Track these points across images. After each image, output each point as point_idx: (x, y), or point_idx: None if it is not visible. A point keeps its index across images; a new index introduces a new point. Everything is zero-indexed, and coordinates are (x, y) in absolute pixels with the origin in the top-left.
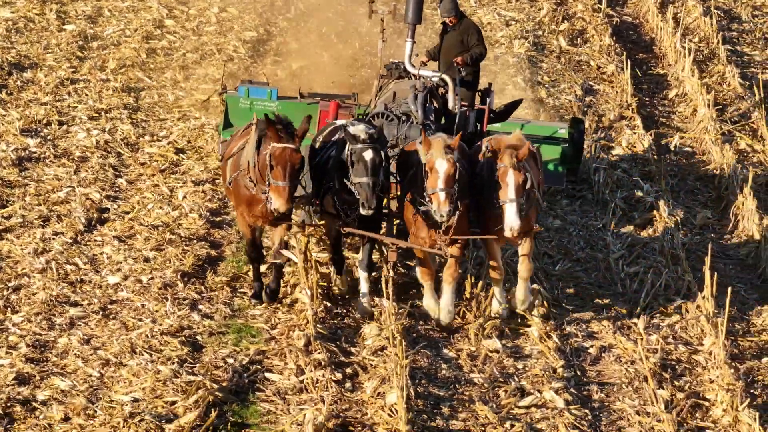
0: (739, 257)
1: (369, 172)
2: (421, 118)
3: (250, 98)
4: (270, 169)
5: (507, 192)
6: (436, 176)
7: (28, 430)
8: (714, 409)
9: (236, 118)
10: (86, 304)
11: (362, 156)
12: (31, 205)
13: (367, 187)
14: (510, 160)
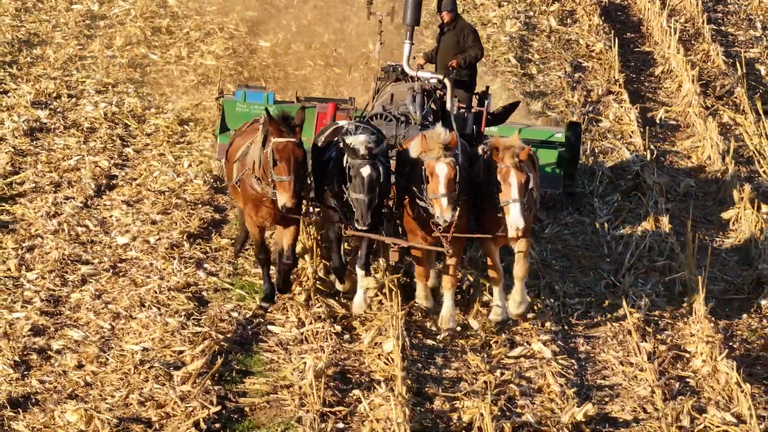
0: (720, 222)
1: (365, 189)
2: (420, 119)
3: (247, 102)
4: (273, 164)
5: (511, 192)
6: (437, 181)
7: (44, 376)
8: (694, 360)
9: (233, 122)
10: (97, 263)
11: (359, 172)
12: (43, 172)
13: (363, 204)
14: (512, 160)
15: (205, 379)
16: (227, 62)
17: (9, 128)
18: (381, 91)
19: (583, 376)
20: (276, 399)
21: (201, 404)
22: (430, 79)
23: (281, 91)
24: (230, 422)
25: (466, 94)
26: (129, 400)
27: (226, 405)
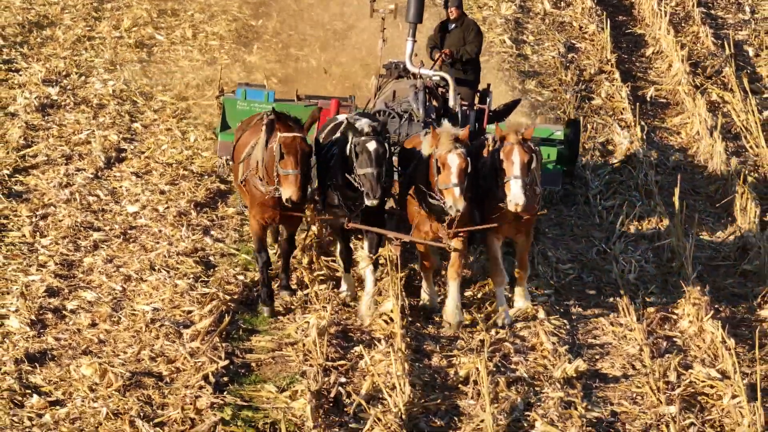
0: (707, 193)
1: (373, 162)
2: (422, 115)
3: (248, 100)
4: (280, 158)
5: (513, 169)
6: (449, 172)
7: (59, 334)
8: (681, 321)
9: (233, 120)
10: (108, 230)
11: (366, 147)
12: (55, 146)
13: (372, 177)
14: (516, 137)
15: (213, 336)
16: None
17: (21, 104)
18: (383, 88)
19: (575, 336)
20: (281, 355)
21: (210, 359)
22: (433, 77)
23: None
24: (237, 376)
25: (469, 92)
26: (141, 356)
27: (233, 361)
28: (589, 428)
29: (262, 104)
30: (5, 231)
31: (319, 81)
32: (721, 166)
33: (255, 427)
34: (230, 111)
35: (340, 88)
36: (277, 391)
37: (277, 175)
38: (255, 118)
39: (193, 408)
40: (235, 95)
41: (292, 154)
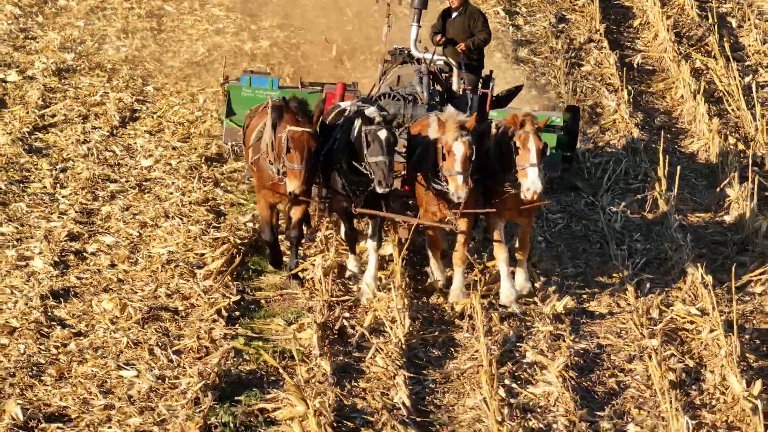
0: (691, 152)
1: (384, 151)
2: (427, 98)
3: (252, 87)
4: (286, 151)
5: (529, 157)
6: (453, 159)
7: (81, 273)
8: (664, 264)
9: (239, 106)
10: (124, 181)
11: (377, 136)
12: (72, 106)
13: (383, 165)
14: (532, 126)
15: (224, 275)
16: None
17: (39, 69)
18: (388, 73)
19: (564, 277)
20: (288, 293)
21: (222, 295)
22: (437, 62)
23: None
24: (248, 311)
25: (473, 77)
26: (157, 293)
27: (244, 297)
28: (577, 358)
29: (267, 91)
30: (27, 182)
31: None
32: (704, 126)
33: (265, 350)
34: (235, 97)
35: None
36: (285, 324)
37: (284, 165)
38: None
39: (208, 338)
40: (239, 82)
41: (299, 149)
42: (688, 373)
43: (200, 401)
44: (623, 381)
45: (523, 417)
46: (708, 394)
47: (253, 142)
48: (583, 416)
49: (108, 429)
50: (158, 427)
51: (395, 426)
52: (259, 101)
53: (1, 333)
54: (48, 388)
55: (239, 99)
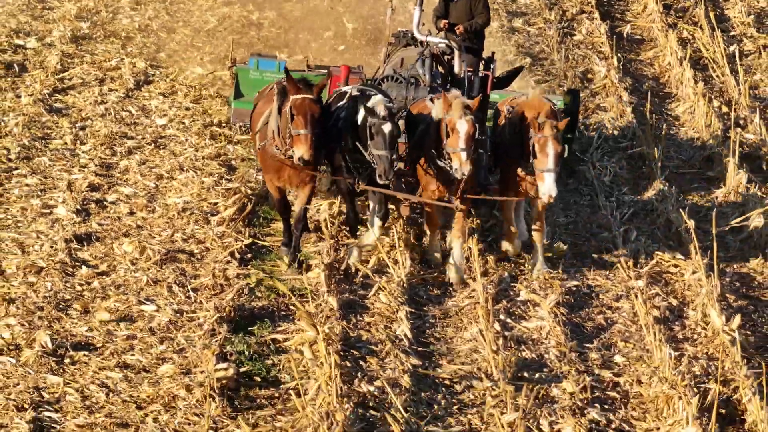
0: (677, 114)
1: (387, 145)
2: (429, 81)
3: (260, 70)
4: (291, 119)
5: (547, 162)
6: (457, 136)
7: (102, 220)
8: (650, 214)
9: (247, 88)
10: (140, 138)
11: (381, 129)
12: (89, 71)
13: (385, 159)
14: (551, 131)
15: (236, 222)
16: None
17: (56, 36)
18: (391, 55)
19: (555, 225)
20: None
21: (235, 239)
22: (439, 44)
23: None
24: (259, 254)
25: (474, 59)
26: (174, 238)
27: (255, 242)
28: (567, 297)
29: (274, 73)
30: (49, 139)
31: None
32: (689, 90)
33: (276, 293)
34: (243, 80)
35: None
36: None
37: (290, 136)
38: (269, 87)
39: (223, 276)
40: (247, 65)
41: (303, 114)
42: (672, 311)
43: (216, 332)
44: (611, 317)
45: (517, 348)
46: (690, 329)
47: (260, 127)
48: (573, 347)
49: (131, 356)
50: (178, 355)
51: (398, 355)
52: (266, 84)
53: (30, 272)
54: (74, 320)
55: (247, 81)
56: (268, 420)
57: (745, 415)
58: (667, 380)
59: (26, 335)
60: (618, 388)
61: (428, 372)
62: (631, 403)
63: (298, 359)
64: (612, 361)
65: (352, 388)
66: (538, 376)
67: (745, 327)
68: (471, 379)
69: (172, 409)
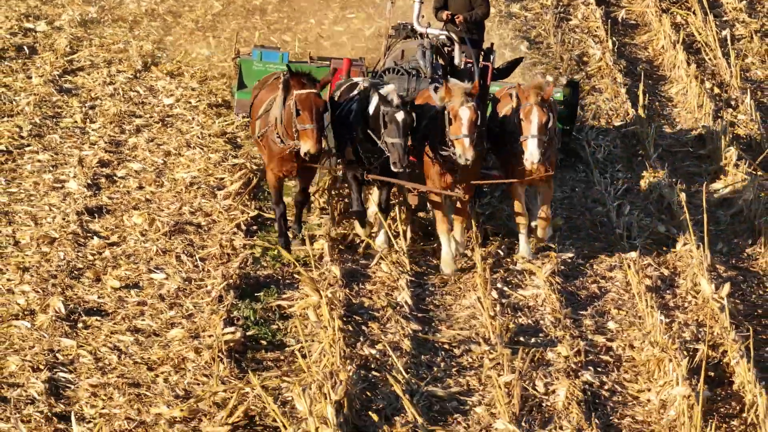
0: (670, 96)
1: (400, 133)
2: (430, 73)
3: (263, 61)
4: (296, 114)
5: (530, 128)
6: (460, 123)
7: (112, 194)
8: (643, 190)
9: (250, 79)
10: (148, 117)
11: (395, 117)
12: (97, 53)
13: (399, 147)
14: (536, 98)
15: (242, 196)
16: None
17: (65, 20)
18: (392, 48)
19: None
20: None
21: (241, 212)
22: (439, 36)
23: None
24: (264, 227)
25: (474, 51)
26: (182, 211)
27: (260, 215)
28: (563, 267)
29: (277, 65)
30: (60, 118)
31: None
32: (682, 72)
33: (281, 262)
34: (246, 71)
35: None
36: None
37: (296, 130)
38: (271, 78)
39: (230, 246)
40: (251, 56)
41: (308, 109)
42: (663, 281)
43: (223, 298)
44: (604, 286)
45: (513, 314)
46: (681, 298)
47: (262, 113)
48: (568, 314)
49: (142, 321)
50: (186, 320)
51: (398, 320)
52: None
53: (43, 242)
54: (86, 288)
55: (250, 72)
56: (274, 380)
57: (733, 377)
58: (658, 344)
59: (40, 301)
60: (611, 353)
61: (428, 337)
62: (624, 366)
63: (303, 324)
64: (605, 327)
65: (354, 351)
66: (534, 340)
67: (734, 296)
68: (469, 343)
69: (182, 370)
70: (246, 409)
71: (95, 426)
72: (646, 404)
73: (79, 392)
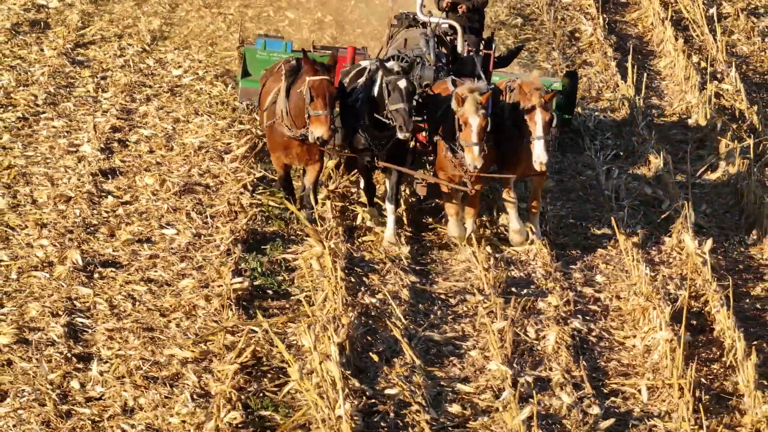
0: (658, 69)
1: (404, 98)
2: (434, 60)
3: (267, 50)
4: (310, 100)
5: (536, 129)
6: (470, 130)
7: (124, 157)
8: (632, 155)
9: (254, 68)
10: (157, 87)
11: (397, 85)
12: (107, 28)
13: (403, 112)
14: (539, 100)
15: (249, 159)
16: None
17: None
18: (394, 37)
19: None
20: None
21: (247, 173)
22: (442, 25)
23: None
24: (270, 187)
25: (475, 39)
26: (191, 173)
27: (266, 176)
28: (553, 224)
29: (281, 53)
30: (73, 87)
31: None
32: (670, 46)
33: (285, 222)
34: (251, 60)
35: None
36: None
37: (308, 116)
38: (279, 65)
39: (237, 204)
40: (255, 45)
41: (321, 95)
42: (649, 237)
43: (231, 252)
44: (593, 243)
45: (506, 268)
46: (665, 254)
47: (268, 105)
48: (558, 268)
49: (154, 273)
50: (197, 271)
51: (398, 272)
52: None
53: (59, 201)
54: (101, 242)
55: (254, 61)
56: (280, 326)
57: (714, 325)
58: (643, 294)
59: (58, 254)
60: (599, 303)
61: (425, 287)
62: (611, 315)
63: (309, 272)
64: (594, 280)
65: (356, 300)
66: (526, 291)
67: (716, 252)
68: (464, 293)
69: (193, 316)
70: (253, 350)
71: (112, 365)
72: (632, 349)
73: (97, 335)
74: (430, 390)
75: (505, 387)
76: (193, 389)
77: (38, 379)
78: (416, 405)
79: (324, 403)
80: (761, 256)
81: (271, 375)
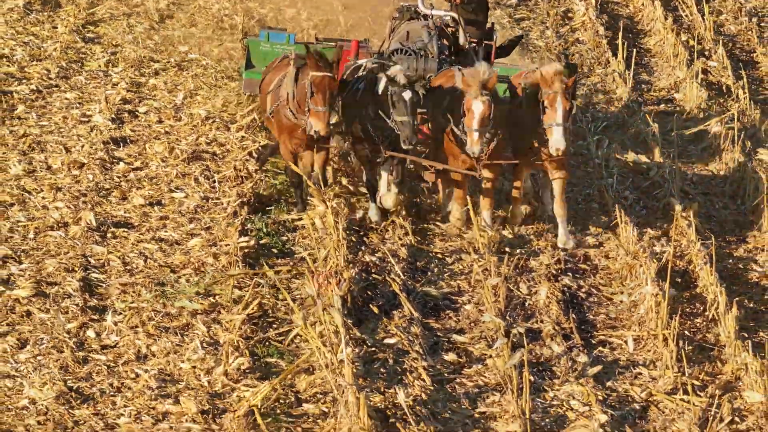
0: (648, 47)
1: (409, 111)
2: (436, 52)
3: (270, 42)
4: (310, 95)
5: (555, 116)
6: (472, 116)
7: (134, 127)
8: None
9: (257, 60)
10: (165, 62)
11: (402, 97)
12: (116, 7)
13: (408, 125)
14: (560, 86)
15: (253, 129)
16: None
17: None
18: (396, 29)
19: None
20: None
21: (252, 141)
22: (444, 17)
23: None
24: (275, 156)
25: (477, 31)
26: (199, 141)
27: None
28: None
29: (284, 46)
30: (84, 62)
31: None
32: (660, 25)
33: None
34: (254, 52)
35: None
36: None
37: (308, 109)
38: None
39: (243, 169)
40: (258, 38)
41: (322, 92)
42: (638, 201)
43: (238, 213)
44: (583, 207)
45: (500, 228)
46: (653, 217)
47: (273, 88)
48: (550, 229)
49: (164, 233)
50: (205, 231)
51: (396, 232)
52: (276, 55)
53: (73, 166)
54: (114, 205)
55: (258, 53)
56: (283, 282)
57: (698, 282)
58: (630, 253)
59: (73, 215)
60: (588, 262)
61: (423, 247)
62: (600, 273)
63: (312, 231)
64: (583, 242)
65: (356, 258)
66: (519, 251)
67: (701, 216)
68: (460, 253)
69: (201, 273)
70: (259, 302)
71: (125, 317)
72: (619, 304)
73: (111, 289)
74: (428, 340)
75: (498, 337)
76: (202, 338)
77: (56, 328)
78: (414, 353)
79: (327, 348)
80: (744, 220)
81: (276, 326)
